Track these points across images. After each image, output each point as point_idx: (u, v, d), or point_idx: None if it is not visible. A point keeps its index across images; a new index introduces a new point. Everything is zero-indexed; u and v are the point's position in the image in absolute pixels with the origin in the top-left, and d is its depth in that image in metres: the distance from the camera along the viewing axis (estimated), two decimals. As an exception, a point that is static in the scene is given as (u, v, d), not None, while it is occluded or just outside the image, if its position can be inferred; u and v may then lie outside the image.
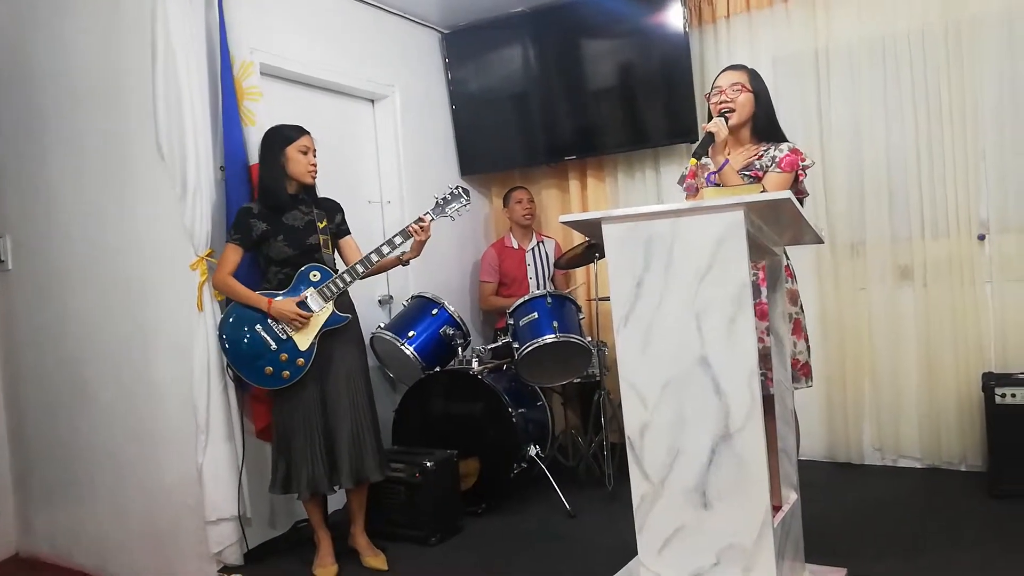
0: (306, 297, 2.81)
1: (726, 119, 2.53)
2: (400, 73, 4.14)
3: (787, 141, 2.63)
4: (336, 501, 3.26)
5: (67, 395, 3.37)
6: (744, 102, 2.58)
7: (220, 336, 2.86)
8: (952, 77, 3.50)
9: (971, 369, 3.51)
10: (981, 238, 3.51)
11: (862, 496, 3.35)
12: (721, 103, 2.58)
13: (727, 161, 2.56)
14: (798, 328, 2.60)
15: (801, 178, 2.56)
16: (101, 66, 3.14)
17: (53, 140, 3.32)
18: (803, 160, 2.55)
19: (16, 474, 3.59)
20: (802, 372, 2.59)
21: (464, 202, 2.95)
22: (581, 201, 4.47)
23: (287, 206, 2.87)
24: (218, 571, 2.95)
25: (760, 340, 2.33)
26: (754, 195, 1.95)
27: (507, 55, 4.34)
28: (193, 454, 2.93)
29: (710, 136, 2.49)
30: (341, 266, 2.93)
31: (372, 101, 4.13)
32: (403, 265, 2.99)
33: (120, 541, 3.23)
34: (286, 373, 2.78)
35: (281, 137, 2.86)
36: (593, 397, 3.76)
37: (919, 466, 3.67)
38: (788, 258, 2.65)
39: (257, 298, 2.80)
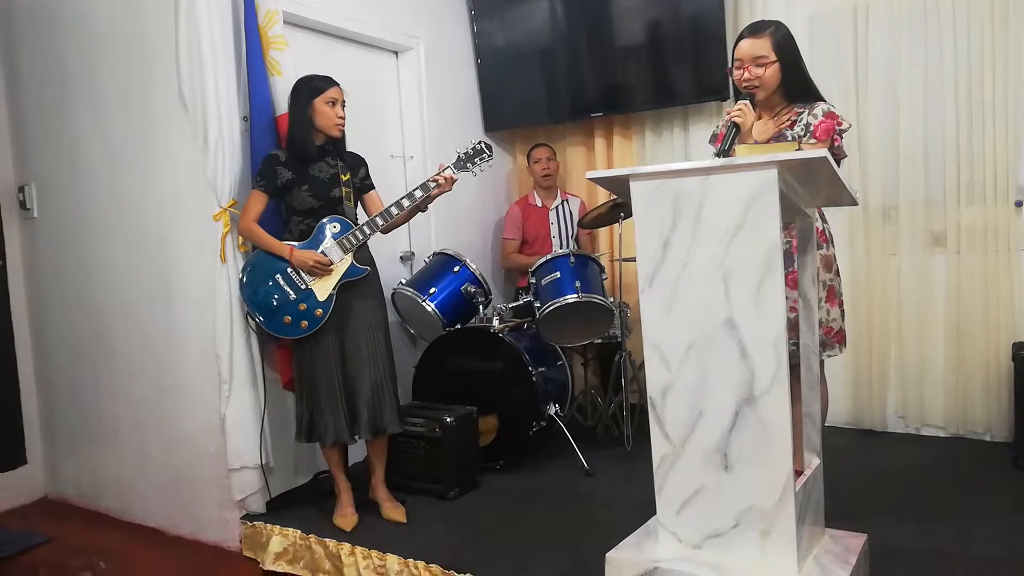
0: (326, 248, 2.80)
1: (752, 98, 2.35)
2: (425, 25, 4.06)
3: (822, 100, 2.46)
4: (356, 453, 3.30)
5: (90, 342, 3.42)
6: (770, 75, 2.38)
7: (241, 286, 2.87)
8: (996, 38, 3.38)
9: (1001, 338, 3.44)
10: (1019, 205, 3.41)
11: (884, 463, 3.32)
12: (745, 80, 2.39)
13: (755, 143, 2.40)
14: (832, 295, 2.52)
15: (837, 142, 2.42)
16: (123, 13, 3.11)
17: (76, 88, 3.31)
18: (839, 124, 2.40)
19: (43, 419, 3.67)
20: (836, 339, 2.54)
21: (487, 157, 2.90)
22: (607, 159, 4.40)
23: (314, 157, 2.85)
24: (240, 518, 3.00)
25: (792, 309, 2.30)
26: (788, 153, 1.90)
27: (534, 8, 4.24)
28: (214, 402, 2.97)
29: (735, 127, 2.29)
30: (363, 219, 2.91)
31: (396, 53, 4.06)
32: (422, 211, 2.95)
33: (143, 486, 3.30)
34: (304, 323, 2.79)
35: (309, 88, 2.82)
36: (614, 358, 3.74)
37: (943, 435, 3.63)
38: (826, 222, 2.56)
39: (280, 246, 2.81)
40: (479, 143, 2.90)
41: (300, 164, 2.84)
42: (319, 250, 2.80)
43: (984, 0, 3.38)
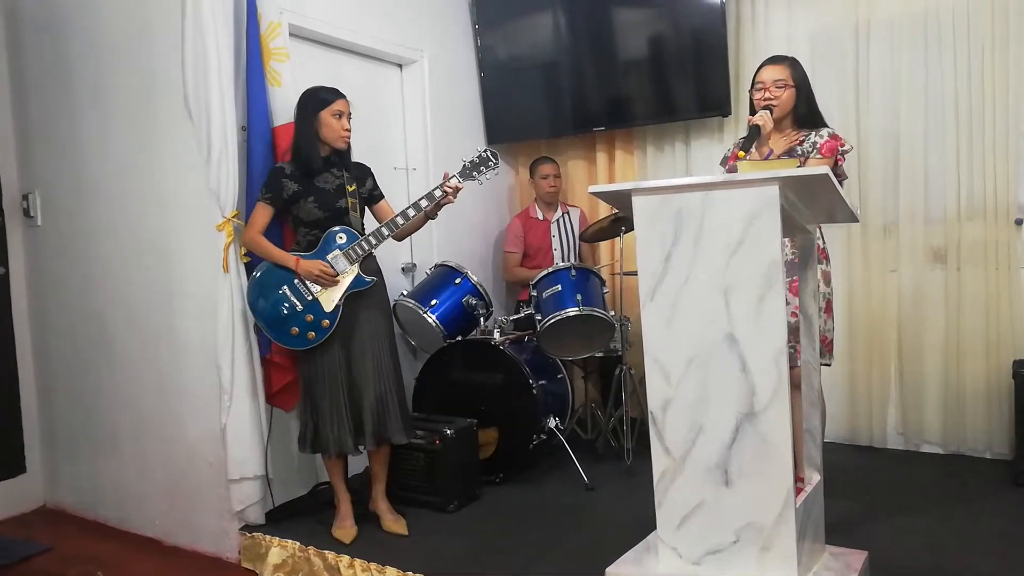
0: (333, 258, 2.81)
1: (771, 111, 2.60)
2: (429, 38, 4.09)
3: (827, 126, 2.69)
4: (356, 465, 3.29)
5: (92, 350, 3.42)
6: (787, 98, 2.65)
7: (248, 297, 2.88)
8: (996, 56, 3.40)
9: (1002, 356, 3.44)
10: (1019, 222, 3.42)
11: (884, 480, 3.32)
12: (765, 100, 2.64)
13: (771, 152, 2.61)
14: (829, 307, 2.69)
15: (840, 162, 2.62)
16: (129, 22, 3.14)
17: (81, 96, 3.33)
18: (842, 145, 2.62)
19: (43, 427, 3.66)
20: (828, 348, 2.69)
21: (492, 165, 2.91)
22: (608, 173, 4.41)
23: (320, 169, 2.86)
24: (239, 529, 2.99)
25: (792, 315, 2.35)
26: (790, 170, 1.91)
27: (537, 22, 4.27)
28: (214, 411, 2.96)
29: (756, 129, 2.54)
30: (369, 230, 2.91)
31: (400, 66, 4.09)
32: (431, 219, 2.95)
33: (142, 496, 3.30)
34: (311, 334, 2.80)
35: (316, 100, 2.83)
36: (614, 371, 3.74)
37: (943, 452, 3.62)
38: (824, 241, 2.71)
39: (285, 256, 2.82)
40: (484, 151, 2.91)
41: (306, 176, 2.85)
42: (326, 260, 2.81)
43: (984, 18, 3.40)
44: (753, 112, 2.67)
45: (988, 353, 3.48)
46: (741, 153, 2.47)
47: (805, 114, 2.70)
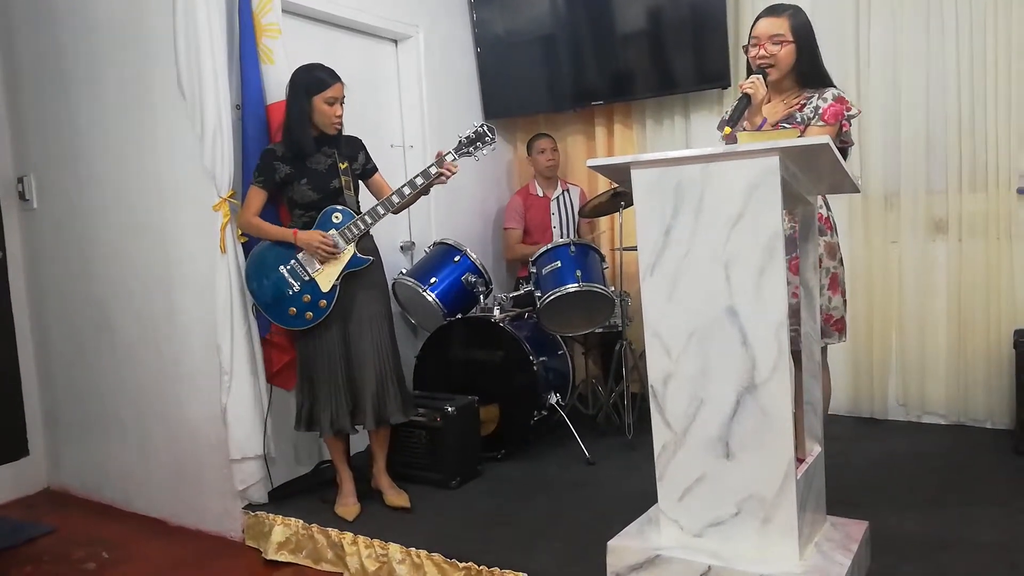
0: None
1: (765, 75, 2.34)
2: (424, 13, 4.04)
3: (833, 86, 2.45)
4: (358, 444, 3.30)
5: (92, 333, 3.42)
6: (785, 55, 2.38)
7: (246, 279, 2.87)
8: (999, 25, 3.35)
9: (1003, 326, 3.44)
10: (1020, 192, 3.40)
11: (885, 451, 3.32)
12: (760, 58, 2.38)
13: (764, 121, 2.40)
14: (835, 283, 2.52)
15: (845, 128, 2.42)
16: (121, 2, 3.09)
17: (75, 78, 3.30)
18: (848, 110, 2.39)
19: (45, 410, 3.67)
20: (835, 327, 2.54)
21: (489, 140, 2.87)
22: (607, 147, 4.38)
23: (311, 151, 2.83)
24: (242, 508, 3.01)
25: (794, 295, 2.30)
26: (790, 140, 1.89)
27: (534, -5, 4.21)
28: (215, 392, 2.96)
29: (747, 98, 2.28)
30: (364, 208, 2.89)
31: (395, 42, 4.04)
32: (424, 195, 2.92)
33: (145, 477, 3.31)
34: (309, 314, 2.79)
35: (310, 81, 2.77)
36: (615, 347, 3.74)
37: (944, 422, 3.63)
38: (829, 209, 2.56)
39: (283, 232, 2.81)
40: (481, 126, 2.86)
41: (297, 157, 2.82)
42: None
43: (986, -13, 3.36)
44: (750, 71, 2.40)
45: (989, 323, 3.48)
46: (727, 129, 2.22)
47: (809, 72, 2.42)
